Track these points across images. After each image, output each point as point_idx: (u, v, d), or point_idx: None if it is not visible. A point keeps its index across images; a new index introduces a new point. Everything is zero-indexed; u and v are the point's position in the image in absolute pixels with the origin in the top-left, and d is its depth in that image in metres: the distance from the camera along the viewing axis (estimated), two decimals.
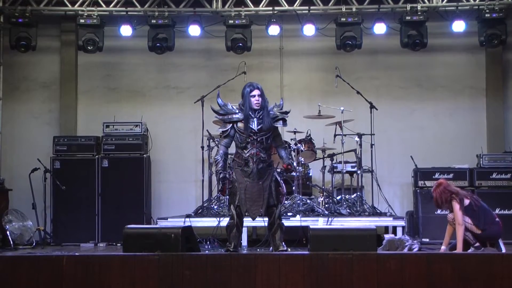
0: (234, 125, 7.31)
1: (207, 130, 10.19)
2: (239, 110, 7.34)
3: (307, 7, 10.79)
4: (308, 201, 9.91)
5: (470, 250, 7.75)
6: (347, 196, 10.21)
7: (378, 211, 10.11)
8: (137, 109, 11.45)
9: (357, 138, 10.24)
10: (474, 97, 11.58)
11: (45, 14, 10.95)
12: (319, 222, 9.26)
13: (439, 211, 9.24)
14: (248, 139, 7.25)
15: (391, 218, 9.79)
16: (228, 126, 7.34)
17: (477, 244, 7.78)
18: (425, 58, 11.43)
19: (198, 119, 10.23)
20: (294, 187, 9.97)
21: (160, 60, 11.46)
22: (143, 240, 6.66)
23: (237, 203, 7.31)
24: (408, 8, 10.62)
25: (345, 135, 10.21)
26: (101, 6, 10.84)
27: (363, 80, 11.43)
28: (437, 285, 6.10)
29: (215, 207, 9.95)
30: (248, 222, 7.87)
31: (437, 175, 10.02)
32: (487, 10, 10.50)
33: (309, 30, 10.76)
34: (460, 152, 11.13)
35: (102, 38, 10.78)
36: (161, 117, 11.59)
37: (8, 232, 9.77)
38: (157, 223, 9.87)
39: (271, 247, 7.48)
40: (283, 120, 7.40)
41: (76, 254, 7.44)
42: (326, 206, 9.96)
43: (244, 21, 10.68)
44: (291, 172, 8.11)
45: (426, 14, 10.60)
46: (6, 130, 11.41)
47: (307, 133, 10.52)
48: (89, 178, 10.44)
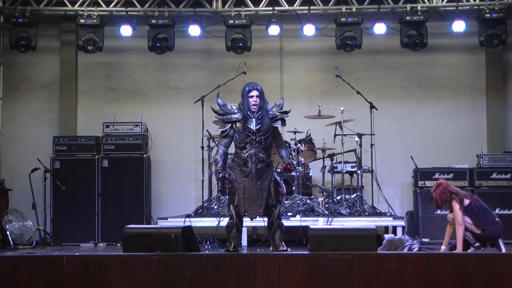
0: (233, 125, 7.31)
1: (207, 130, 10.19)
2: (238, 110, 7.34)
3: (307, 7, 10.79)
4: (308, 201, 9.91)
5: (470, 250, 7.75)
6: (347, 196, 10.20)
7: (378, 211, 10.10)
8: (137, 109, 11.44)
9: (357, 138, 10.24)
10: (474, 97, 11.58)
11: (45, 14, 10.95)
12: (319, 222, 9.26)
13: (439, 211, 9.23)
14: (246, 139, 7.24)
15: (391, 218, 9.79)
16: (227, 126, 7.34)
17: (477, 244, 7.78)
18: (425, 58, 11.43)
19: (198, 119, 10.23)
20: (294, 187, 9.97)
21: (160, 60, 11.46)
22: (143, 240, 6.66)
23: (236, 203, 7.31)
24: (408, 8, 10.62)
25: (345, 135, 10.20)
26: (101, 6, 10.84)
27: (363, 80, 11.43)
28: (437, 285, 6.10)
29: (215, 207, 9.95)
30: (248, 222, 7.88)
31: (437, 175, 10.02)
32: (487, 10, 10.50)
33: (309, 30, 10.75)
34: (460, 152, 11.13)
35: (102, 38, 10.78)
36: (161, 117, 11.59)
37: (8, 232, 9.77)
38: (157, 223, 9.87)
39: (271, 247, 7.48)
40: (282, 120, 7.39)
41: (76, 254, 7.43)
42: (326, 206, 9.96)
43: (244, 21, 10.67)
44: (291, 171, 8.10)
45: (426, 14, 10.60)
46: (6, 130, 11.41)
47: (307, 133, 10.52)
48: (89, 178, 10.43)
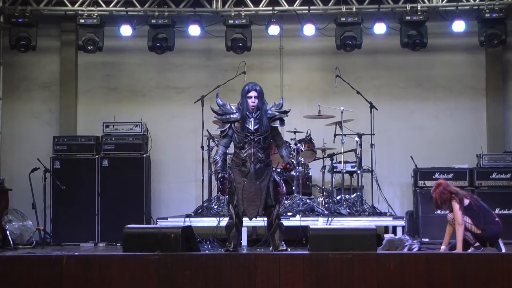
0: (232, 125, 7.30)
1: (207, 130, 10.19)
2: (237, 110, 7.34)
3: (307, 7, 10.79)
4: (308, 201, 9.91)
5: (470, 250, 7.74)
6: (347, 196, 10.20)
7: (378, 211, 10.10)
8: (137, 109, 11.45)
9: (357, 138, 10.24)
10: (474, 97, 11.58)
11: (45, 14, 10.95)
12: (319, 222, 9.25)
13: (439, 211, 9.22)
14: (245, 139, 7.23)
15: (391, 218, 9.79)
16: (226, 126, 7.34)
17: (477, 244, 7.78)
18: (425, 58, 11.43)
19: (198, 119, 10.22)
20: (294, 187, 9.97)
21: (160, 60, 11.46)
22: (143, 240, 6.66)
23: (235, 203, 7.31)
24: (408, 8, 10.62)
25: (345, 135, 10.20)
26: (101, 6, 10.84)
27: (363, 80, 11.43)
28: (437, 285, 6.11)
29: (215, 207, 9.94)
30: (247, 222, 7.86)
31: (437, 175, 10.03)
32: (487, 10, 10.50)
33: (309, 30, 10.75)
34: (460, 152, 11.13)
35: (102, 38, 10.78)
36: (161, 117, 11.59)
37: (8, 232, 9.76)
38: (157, 223, 9.87)
39: (271, 247, 7.48)
40: (281, 119, 7.38)
41: (76, 254, 7.44)
42: (326, 206, 9.96)
43: (244, 21, 10.67)
44: (291, 171, 8.09)
45: (426, 14, 10.60)
46: (6, 130, 11.41)
47: (307, 133, 10.52)
48: (89, 178, 10.44)
